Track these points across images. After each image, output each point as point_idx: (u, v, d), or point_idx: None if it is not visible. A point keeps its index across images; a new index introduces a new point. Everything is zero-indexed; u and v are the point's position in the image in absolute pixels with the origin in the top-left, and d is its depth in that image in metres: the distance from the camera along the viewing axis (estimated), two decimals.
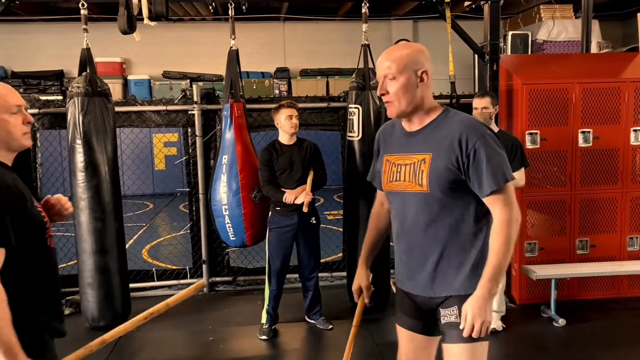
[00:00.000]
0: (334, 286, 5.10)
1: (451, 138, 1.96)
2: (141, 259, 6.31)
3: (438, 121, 2.03)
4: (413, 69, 1.99)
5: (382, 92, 2.03)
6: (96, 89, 4.11)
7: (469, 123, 1.98)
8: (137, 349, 3.98)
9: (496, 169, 1.92)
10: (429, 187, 1.99)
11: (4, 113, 1.79)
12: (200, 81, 9.92)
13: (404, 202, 2.08)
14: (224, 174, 4.22)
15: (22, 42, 10.04)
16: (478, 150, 1.92)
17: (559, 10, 8.36)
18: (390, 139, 2.19)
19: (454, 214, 2.01)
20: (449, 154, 1.95)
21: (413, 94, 2.00)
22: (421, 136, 2.05)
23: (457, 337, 2.00)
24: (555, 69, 4.66)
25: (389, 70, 1.99)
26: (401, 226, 2.13)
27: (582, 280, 4.60)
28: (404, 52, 2.01)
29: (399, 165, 2.09)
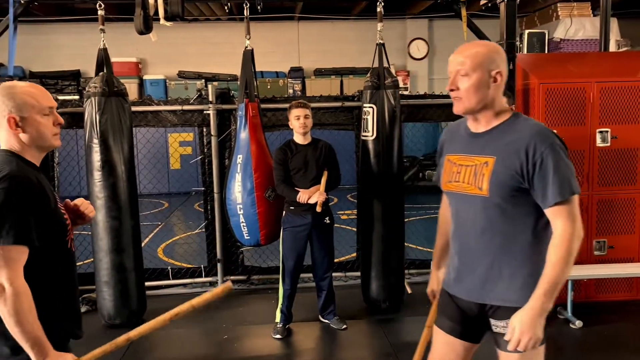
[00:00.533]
0: (347, 286, 5.10)
1: (518, 144, 1.89)
2: (157, 258, 6.37)
3: (506, 125, 1.98)
4: (488, 68, 1.94)
5: (452, 87, 1.97)
6: (113, 89, 4.15)
7: (539, 130, 1.91)
8: (152, 347, 4.01)
9: (563, 180, 1.85)
10: (489, 192, 1.93)
11: (36, 114, 1.81)
12: (215, 81, 9.98)
13: (462, 204, 2.05)
14: (238, 173, 4.23)
15: (40, 43, 10.17)
16: (545, 159, 1.85)
17: (577, 8, 8.25)
18: (455, 139, 2.14)
19: (512, 222, 1.95)
20: (513, 160, 1.89)
21: (484, 93, 1.95)
22: (486, 138, 1.99)
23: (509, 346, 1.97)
24: (573, 68, 4.60)
25: (462, 66, 1.94)
26: (456, 228, 2.09)
27: (600, 282, 4.54)
28: (480, 50, 1.96)
29: (460, 166, 2.04)
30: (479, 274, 2.01)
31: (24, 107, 1.79)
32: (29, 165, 1.82)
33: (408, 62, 11.19)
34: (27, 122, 1.80)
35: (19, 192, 1.70)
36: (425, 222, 7.48)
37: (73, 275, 1.96)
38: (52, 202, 1.81)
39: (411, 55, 11.16)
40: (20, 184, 1.71)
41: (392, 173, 4.32)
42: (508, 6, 4.52)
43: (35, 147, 1.85)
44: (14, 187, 1.69)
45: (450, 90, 1.98)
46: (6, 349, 1.75)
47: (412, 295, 4.77)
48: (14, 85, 1.82)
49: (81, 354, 1.86)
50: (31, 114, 1.80)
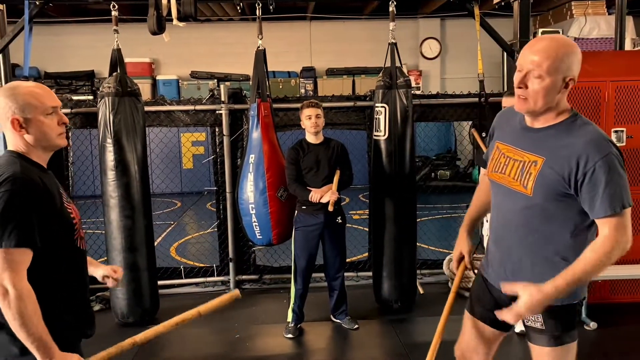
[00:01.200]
0: (359, 286, 5.09)
1: (570, 150, 1.83)
2: (169, 257, 6.41)
3: (562, 126, 1.90)
4: (563, 74, 1.84)
5: (520, 85, 1.87)
6: (126, 89, 4.18)
7: (594, 138, 1.83)
8: (164, 345, 4.04)
9: (614, 193, 1.79)
10: (533, 192, 1.90)
11: (40, 114, 1.81)
12: (227, 81, 10.00)
13: (504, 197, 2.03)
14: (250, 172, 4.25)
15: (54, 44, 10.27)
16: (597, 170, 1.79)
17: (591, 7, 8.17)
18: (507, 126, 2.08)
19: (551, 224, 1.92)
20: (562, 165, 1.84)
21: (552, 99, 1.86)
22: (540, 136, 1.93)
23: (541, 341, 2.01)
24: (587, 67, 4.50)
25: (537, 67, 1.82)
26: (496, 218, 2.10)
27: (615, 283, 4.49)
28: (560, 51, 1.83)
29: (508, 158, 2.00)
30: (510, 267, 2.02)
31: (26, 108, 1.79)
32: (35, 165, 1.83)
33: (420, 62, 11.15)
34: (31, 123, 1.80)
35: (22, 193, 1.70)
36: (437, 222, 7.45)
37: (83, 274, 1.96)
38: (58, 202, 1.81)
39: (423, 55, 11.12)
40: (23, 186, 1.71)
41: (404, 173, 4.31)
42: (521, 5, 4.50)
43: (40, 148, 1.85)
44: (17, 189, 1.69)
45: (517, 86, 1.88)
46: (15, 349, 1.76)
47: (424, 296, 4.75)
48: (17, 86, 1.82)
49: (93, 353, 1.87)
50: (34, 114, 1.80)
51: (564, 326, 2.00)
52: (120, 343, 1.88)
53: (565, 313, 1.99)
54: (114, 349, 1.89)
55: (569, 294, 1.90)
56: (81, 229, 1.95)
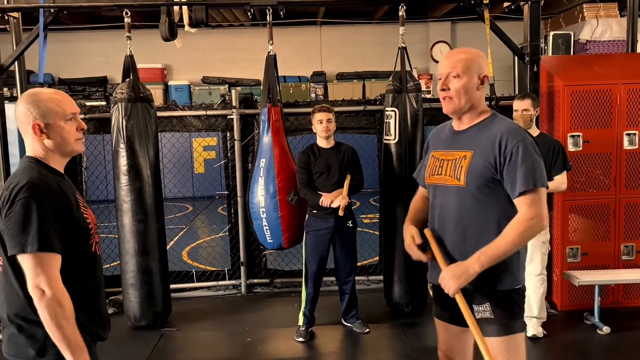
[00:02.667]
0: (370, 290, 5.09)
1: (492, 139, 2.07)
2: (181, 261, 6.45)
3: (484, 123, 2.15)
4: (477, 72, 2.12)
5: (443, 87, 2.13)
6: (139, 95, 4.23)
7: (512, 127, 2.10)
8: (176, 349, 4.07)
9: (529, 171, 2.00)
10: (466, 182, 2.10)
11: (59, 120, 1.85)
12: (238, 86, 10.06)
13: (441, 195, 2.21)
14: (261, 177, 4.27)
15: (68, 50, 10.40)
16: (515, 152, 2.01)
17: (603, 9, 8.11)
18: (440, 137, 2.31)
19: (487, 212, 2.10)
20: (487, 154, 2.06)
21: (472, 95, 2.12)
22: (467, 135, 2.17)
23: (492, 331, 2.10)
24: (598, 70, 4.53)
25: (453, 69, 2.10)
26: (437, 218, 2.24)
27: (628, 287, 4.45)
28: (469, 55, 2.14)
29: (442, 160, 2.22)
30: (457, 260, 2.13)
31: (47, 114, 1.83)
32: (52, 171, 1.86)
33: (431, 65, 11.13)
34: (51, 129, 1.84)
35: (40, 199, 1.73)
36: None
37: (98, 278, 1.99)
38: (74, 207, 1.85)
39: (434, 59, 11.10)
40: (41, 192, 1.74)
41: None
42: (532, 8, 4.48)
43: (58, 153, 1.89)
44: (35, 195, 1.73)
45: (441, 89, 2.14)
46: (32, 351, 1.79)
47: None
48: (38, 93, 1.86)
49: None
50: (55, 120, 1.84)
51: (511, 313, 2.13)
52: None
53: (509, 298, 2.12)
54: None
55: (514, 280, 2.11)
56: (97, 234, 1.98)
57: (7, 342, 1.84)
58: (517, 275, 2.14)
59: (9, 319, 1.81)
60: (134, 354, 3.91)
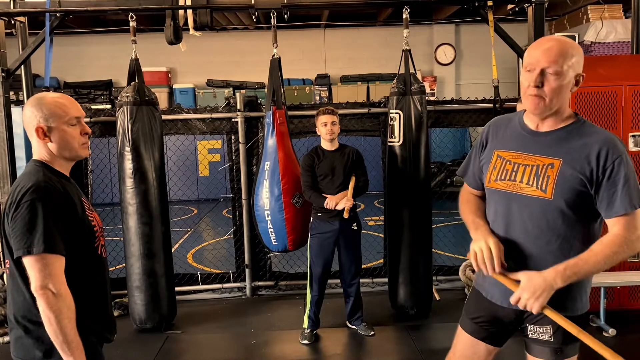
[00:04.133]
0: (375, 292, 5.09)
1: (588, 149, 1.82)
2: (186, 263, 6.46)
3: (573, 127, 1.90)
4: (575, 71, 1.85)
5: (536, 84, 1.82)
6: (144, 98, 4.25)
7: (610, 138, 1.85)
8: (182, 351, 4.07)
9: (632, 191, 1.80)
10: (553, 195, 1.85)
11: (63, 124, 1.87)
12: (243, 89, 10.10)
13: (515, 205, 1.93)
14: (266, 179, 4.28)
15: (74, 54, 10.47)
16: (617, 167, 1.79)
17: (608, 10, 8.09)
18: (505, 133, 2.03)
19: (570, 229, 1.88)
20: (582, 164, 1.82)
21: (565, 97, 1.87)
22: (551, 139, 1.90)
23: (546, 353, 1.97)
24: (603, 72, 4.52)
25: (553, 65, 1.81)
26: (504, 230, 1.96)
27: (634, 290, 4.43)
28: (571, 49, 1.83)
29: (517, 165, 1.94)
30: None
31: (51, 117, 1.85)
32: (57, 174, 1.87)
33: (435, 68, 11.14)
34: (54, 132, 1.86)
35: (45, 202, 1.75)
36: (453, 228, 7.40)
37: (104, 281, 1.99)
38: (79, 210, 1.86)
39: (438, 61, 11.11)
40: (46, 194, 1.75)
41: (419, 179, 4.31)
42: (536, 10, 4.48)
43: (62, 157, 1.90)
44: (40, 198, 1.74)
45: (534, 86, 1.83)
46: (39, 353, 1.80)
47: (440, 302, 4.74)
48: (43, 97, 1.88)
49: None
50: (58, 124, 1.85)
51: (569, 338, 1.95)
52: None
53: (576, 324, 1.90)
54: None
55: (580, 306, 1.92)
56: (102, 237, 1.99)
57: (14, 344, 1.85)
58: (584, 300, 1.97)
59: (16, 321, 1.83)
60: (140, 356, 3.92)
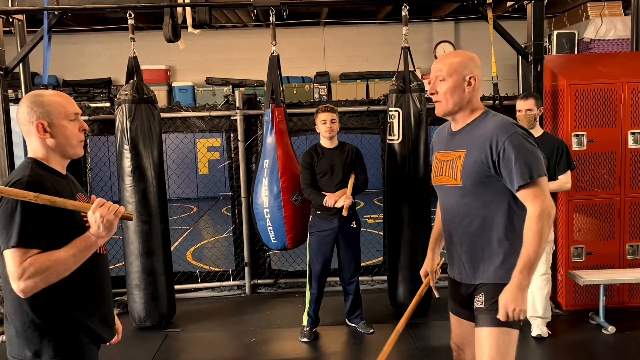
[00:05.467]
0: (374, 290, 5.09)
1: (484, 137, 2.11)
2: (186, 261, 6.46)
3: (477, 121, 2.20)
4: (462, 74, 2.16)
5: (431, 91, 2.21)
6: (143, 96, 4.24)
7: (501, 122, 2.12)
8: (181, 349, 4.07)
9: (524, 165, 2.02)
10: (462, 181, 2.17)
11: (63, 119, 1.87)
12: (242, 87, 10.08)
13: (445, 195, 2.29)
14: (265, 177, 4.27)
15: (72, 52, 10.44)
16: (507, 148, 2.04)
17: (607, 8, 8.08)
18: (441, 138, 2.38)
19: (487, 208, 2.16)
20: (479, 152, 2.11)
21: (460, 96, 2.17)
22: (461, 135, 2.23)
23: (484, 321, 2.15)
24: (603, 69, 4.52)
25: (440, 73, 2.18)
26: (444, 217, 2.33)
27: (633, 287, 4.43)
28: (455, 58, 2.20)
29: (442, 161, 2.28)
30: (464, 258, 2.24)
31: (51, 113, 1.85)
32: (51, 171, 1.86)
33: None
34: (55, 128, 1.85)
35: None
36: None
37: (102, 279, 1.96)
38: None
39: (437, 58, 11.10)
40: (28, 189, 1.72)
41: (418, 176, 4.31)
42: (535, 7, 4.47)
43: (59, 153, 1.89)
44: None
45: (430, 94, 2.23)
46: (29, 353, 1.79)
47: (440, 300, 4.71)
48: (40, 94, 1.88)
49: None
50: (58, 119, 1.86)
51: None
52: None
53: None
54: None
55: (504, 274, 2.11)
56: None
57: (8, 342, 1.85)
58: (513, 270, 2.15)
59: (9, 320, 1.83)
60: (139, 354, 3.92)
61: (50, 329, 1.79)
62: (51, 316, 1.80)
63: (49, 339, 1.79)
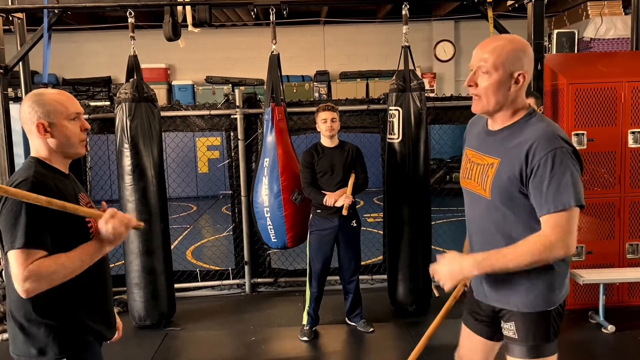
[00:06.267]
0: (374, 289, 5.09)
1: (522, 147, 1.80)
2: (185, 260, 6.46)
3: (517, 125, 1.88)
4: (510, 69, 1.82)
5: (470, 83, 1.88)
6: (143, 95, 4.24)
7: (545, 132, 1.79)
8: (181, 348, 4.08)
9: (557, 191, 1.73)
10: (491, 195, 1.89)
11: (63, 119, 1.86)
12: (242, 86, 10.08)
13: (471, 202, 2.03)
14: (265, 176, 4.27)
15: (72, 51, 10.44)
16: (542, 165, 1.74)
17: (608, 7, 8.08)
18: (474, 132, 2.09)
19: (515, 227, 1.87)
20: (514, 164, 1.81)
21: (504, 95, 1.84)
22: (497, 138, 1.92)
23: (517, 352, 1.96)
24: (603, 68, 4.52)
25: (484, 63, 1.83)
26: (468, 227, 2.09)
27: (633, 286, 4.43)
28: (506, 46, 1.83)
29: (473, 163, 2.01)
30: (485, 277, 1.98)
31: (52, 113, 1.84)
32: (53, 170, 1.86)
33: (434, 64, 11.13)
34: (55, 128, 1.85)
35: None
36: (452, 224, 7.41)
37: (103, 277, 1.98)
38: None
39: (437, 57, 11.09)
40: (32, 189, 1.72)
41: (418, 175, 4.31)
42: (535, 6, 4.47)
43: (61, 153, 1.89)
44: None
45: (468, 85, 1.89)
46: (34, 350, 1.80)
47: (440, 299, 4.74)
48: (42, 93, 1.87)
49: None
50: (59, 119, 1.85)
51: (539, 336, 1.94)
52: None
53: (539, 321, 1.93)
54: None
55: (543, 302, 1.91)
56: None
57: (11, 341, 1.85)
58: (549, 297, 1.93)
59: (13, 318, 1.83)
60: (139, 353, 3.92)
61: (55, 327, 1.80)
62: (55, 315, 1.80)
63: (53, 337, 1.80)
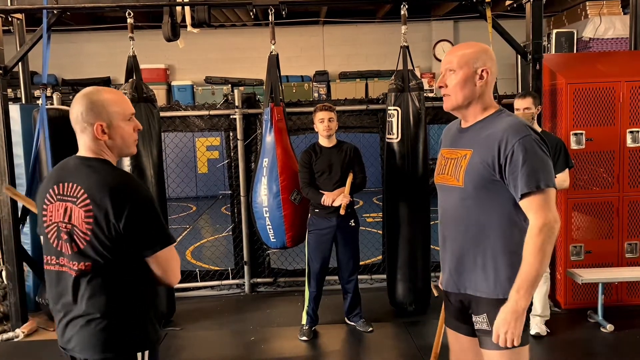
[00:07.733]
0: (373, 289, 5.10)
1: (493, 137, 1.96)
2: (185, 260, 6.46)
3: (488, 120, 2.05)
4: (474, 66, 2.01)
5: (440, 84, 2.07)
6: (142, 95, 4.24)
7: (514, 123, 1.96)
8: (180, 348, 4.08)
9: (532, 172, 1.87)
10: (464, 183, 2.01)
11: (121, 120, 1.85)
12: (241, 86, 10.08)
13: (445, 195, 2.14)
14: (264, 176, 4.28)
15: (71, 51, 10.44)
16: (516, 151, 1.89)
17: (606, 6, 8.10)
18: (448, 135, 2.23)
19: (487, 214, 1.99)
20: (486, 153, 1.96)
21: (471, 89, 2.02)
22: (469, 133, 2.08)
23: (492, 343, 1.98)
24: (601, 68, 4.53)
25: (450, 64, 2.03)
26: (440, 219, 2.18)
27: (632, 285, 4.44)
28: (467, 50, 2.04)
29: (447, 159, 2.14)
30: (454, 265, 2.08)
31: (111, 115, 1.82)
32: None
33: (433, 64, 11.13)
34: (113, 129, 1.83)
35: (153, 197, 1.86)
36: None
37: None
38: None
39: (436, 57, 11.10)
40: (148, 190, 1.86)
41: (417, 175, 4.31)
42: (534, 6, 4.47)
43: (116, 153, 1.89)
44: (152, 195, 1.85)
45: (439, 86, 2.08)
46: (131, 345, 1.83)
47: (439, 298, 4.74)
48: (99, 92, 1.84)
49: None
50: (117, 121, 1.83)
51: None
52: None
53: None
54: None
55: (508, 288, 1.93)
56: None
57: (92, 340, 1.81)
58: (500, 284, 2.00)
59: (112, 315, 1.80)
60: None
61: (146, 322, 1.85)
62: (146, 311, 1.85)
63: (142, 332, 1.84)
